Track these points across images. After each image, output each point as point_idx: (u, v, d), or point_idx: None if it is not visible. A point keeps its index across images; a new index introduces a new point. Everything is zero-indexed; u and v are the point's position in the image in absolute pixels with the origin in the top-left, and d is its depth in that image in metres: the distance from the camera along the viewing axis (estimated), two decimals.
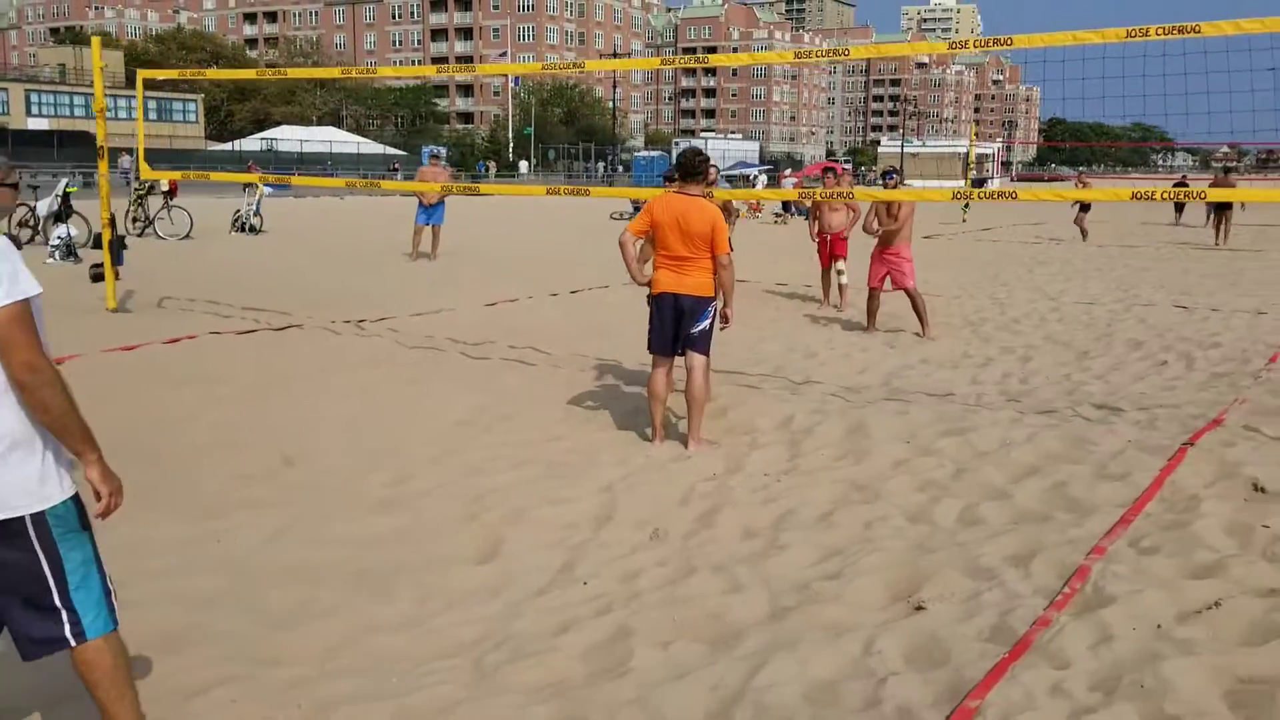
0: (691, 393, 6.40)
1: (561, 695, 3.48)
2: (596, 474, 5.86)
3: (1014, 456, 6.08)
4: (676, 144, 70.44)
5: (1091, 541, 4.66)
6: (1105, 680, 3.43)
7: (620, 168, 69.37)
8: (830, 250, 12.52)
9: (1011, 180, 74.27)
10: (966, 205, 29.83)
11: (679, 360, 6.53)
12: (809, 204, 14.06)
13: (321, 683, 3.55)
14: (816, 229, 12.55)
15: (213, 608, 4.06)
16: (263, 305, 11.40)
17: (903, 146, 75.41)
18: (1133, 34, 5.86)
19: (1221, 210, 21.18)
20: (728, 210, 7.53)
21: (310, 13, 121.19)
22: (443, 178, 15.98)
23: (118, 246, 10.62)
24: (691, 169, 6.32)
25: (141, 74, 9.84)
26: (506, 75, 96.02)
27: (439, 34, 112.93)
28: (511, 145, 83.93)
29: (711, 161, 6.85)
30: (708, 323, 6.39)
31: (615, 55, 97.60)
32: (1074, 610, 3.99)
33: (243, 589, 4.23)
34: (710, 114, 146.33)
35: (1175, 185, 26.90)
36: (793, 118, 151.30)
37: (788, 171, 42.99)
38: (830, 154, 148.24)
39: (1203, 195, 6.07)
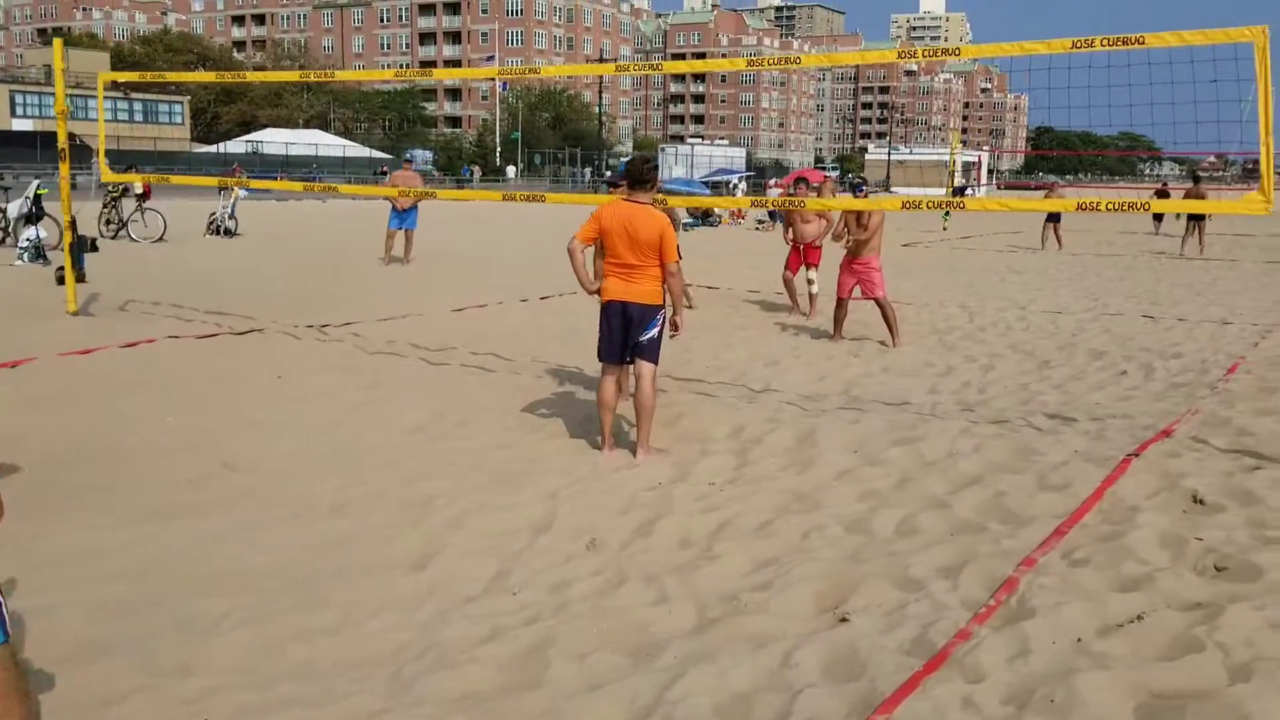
0: (640, 401, 6.39)
1: (476, 707, 3.46)
2: (541, 482, 5.84)
3: (959, 466, 6.08)
4: (662, 149, 70.51)
5: (1024, 553, 4.66)
6: (1017, 694, 3.43)
7: (609, 172, 69.32)
8: (804, 258, 12.51)
9: (997, 189, 74.60)
10: (947, 214, 29.89)
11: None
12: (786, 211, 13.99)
13: (235, 692, 3.52)
14: (790, 235, 12.54)
15: (136, 614, 4.03)
16: (228, 309, 11.35)
17: (889, 154, 75.76)
18: (1078, 44, 5.88)
19: (1194, 220, 21.29)
20: (674, 218, 7.52)
21: (299, 16, 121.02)
22: (414, 182, 15.93)
23: (78, 249, 10.55)
24: (639, 177, 6.31)
25: (102, 76, 9.78)
26: (467, 79, 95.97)
27: (427, 38, 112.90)
28: (499, 150, 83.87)
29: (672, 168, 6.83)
30: (656, 330, 6.37)
31: (601, 60, 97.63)
32: (997, 623, 3.99)
33: (169, 595, 4.20)
34: (699, 120, 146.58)
35: (1156, 194, 27.14)
36: (781, 124, 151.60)
37: (773, 181, 42.98)
38: (819, 161, 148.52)
39: (1146, 206, 6.07)
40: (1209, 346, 10.36)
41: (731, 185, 46.68)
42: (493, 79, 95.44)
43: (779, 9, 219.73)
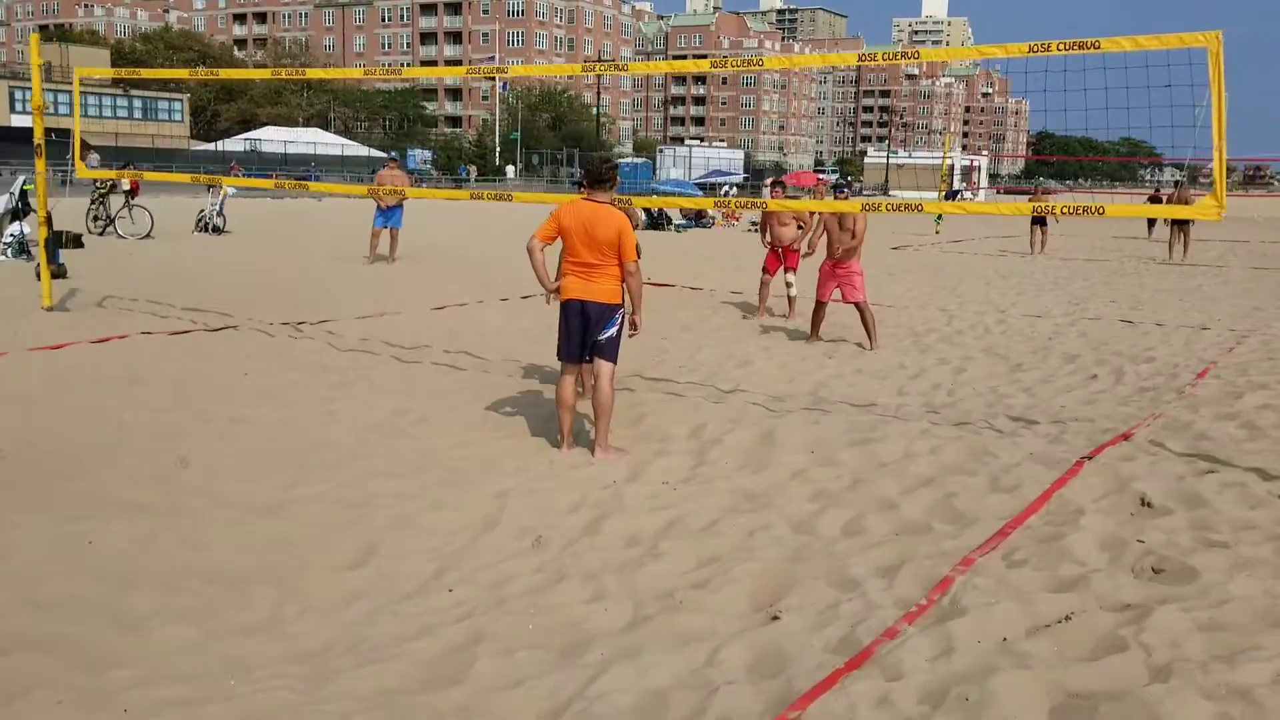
0: (598, 400, 6.39)
1: (391, 702, 3.47)
2: (494, 480, 5.85)
3: (913, 468, 6.09)
4: (660, 151, 70.56)
5: (964, 553, 4.67)
6: (934, 693, 3.43)
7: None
8: (783, 261, 12.51)
9: (996, 194, 74.64)
10: (940, 217, 29.91)
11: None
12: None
13: (157, 686, 3.52)
14: (768, 238, 12.54)
15: (64, 609, 4.03)
16: (206, 306, 11.36)
17: (888, 158, 75.81)
18: (1034, 49, 5.89)
19: (1178, 225, 21.29)
20: (633, 218, 7.52)
21: (300, 14, 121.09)
22: (399, 181, 15.94)
23: (54, 244, 10.54)
24: (598, 176, 6.33)
25: (79, 72, 9.83)
26: (441, 78, 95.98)
27: (428, 38, 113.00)
28: (498, 150, 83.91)
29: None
30: (615, 330, 6.38)
31: (600, 61, 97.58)
32: (926, 622, 3.99)
33: (101, 591, 4.20)
34: (700, 122, 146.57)
35: (1149, 200, 27.11)
36: (781, 127, 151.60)
37: (769, 180, 42.87)
38: (819, 164, 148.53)
39: (1100, 210, 6.08)
40: (1183, 351, 10.36)
41: (723, 190, 46.63)
42: (453, 75, 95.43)
43: (781, 12, 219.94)
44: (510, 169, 76.70)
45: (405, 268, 16.44)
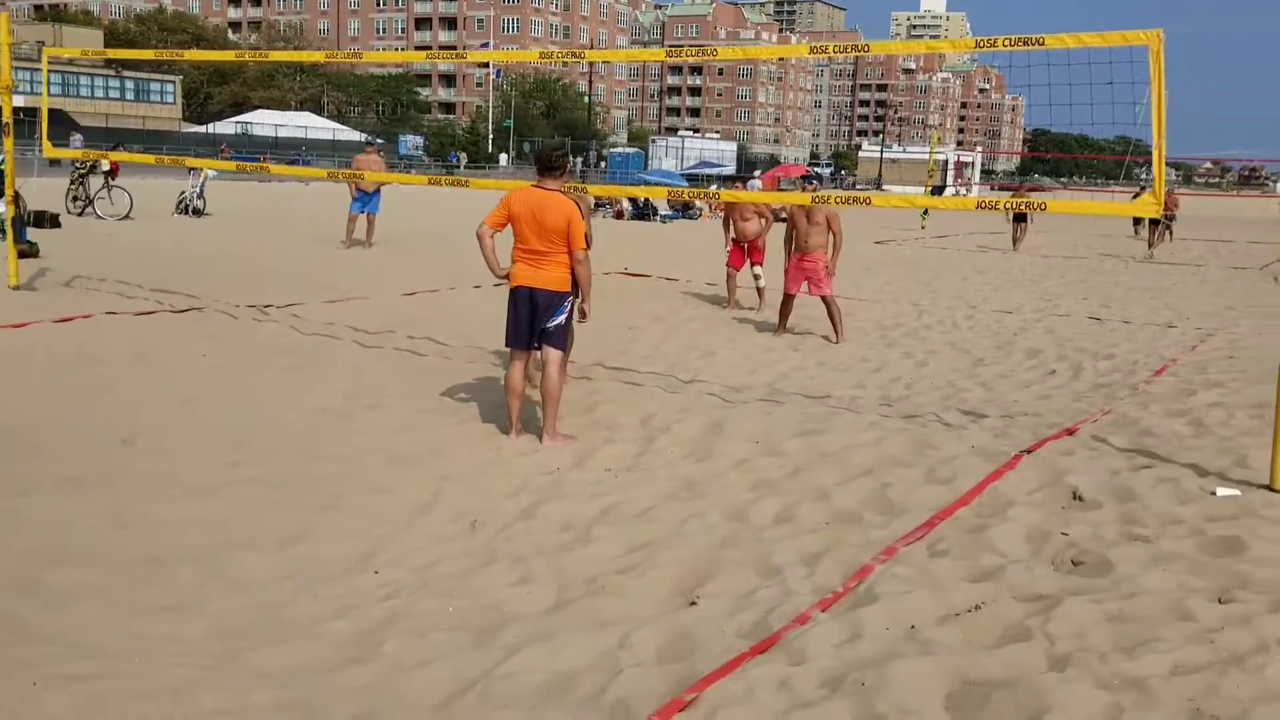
0: (546, 387, 6.43)
1: (296, 679, 3.50)
2: (438, 465, 5.89)
3: (855, 459, 6.13)
4: (653, 141, 70.48)
5: (889, 543, 4.72)
6: (833, 678, 3.48)
7: (601, 163, 69.30)
8: (748, 255, 12.54)
9: (991, 190, 74.72)
10: (925, 212, 29.95)
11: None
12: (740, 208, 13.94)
13: (67, 662, 3.54)
14: (731, 235, 12.57)
15: None
16: (175, 288, 11.35)
17: (882, 152, 75.90)
18: (981, 44, 5.92)
19: (1152, 222, 21.40)
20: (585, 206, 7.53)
21: None
22: (376, 167, 15.93)
23: (20, 224, 10.53)
24: (548, 164, 6.35)
25: (47, 51, 9.79)
26: (398, 63, 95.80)
27: (423, 23, 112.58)
28: (491, 137, 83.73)
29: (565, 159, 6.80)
30: (563, 317, 6.41)
31: (591, 49, 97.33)
32: (840, 609, 4.04)
33: (18, 568, 4.22)
34: (696, 112, 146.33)
35: (1134, 198, 27.20)
36: (777, 119, 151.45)
37: (757, 173, 42.97)
38: (814, 157, 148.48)
39: (1043, 206, 6.11)
40: (1145, 348, 10.42)
41: (706, 181, 46.66)
42: (410, 61, 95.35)
43: (779, 3, 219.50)
44: (504, 156, 76.57)
45: (382, 253, 16.43)
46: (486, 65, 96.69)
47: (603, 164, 65.69)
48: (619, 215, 30.20)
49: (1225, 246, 27.31)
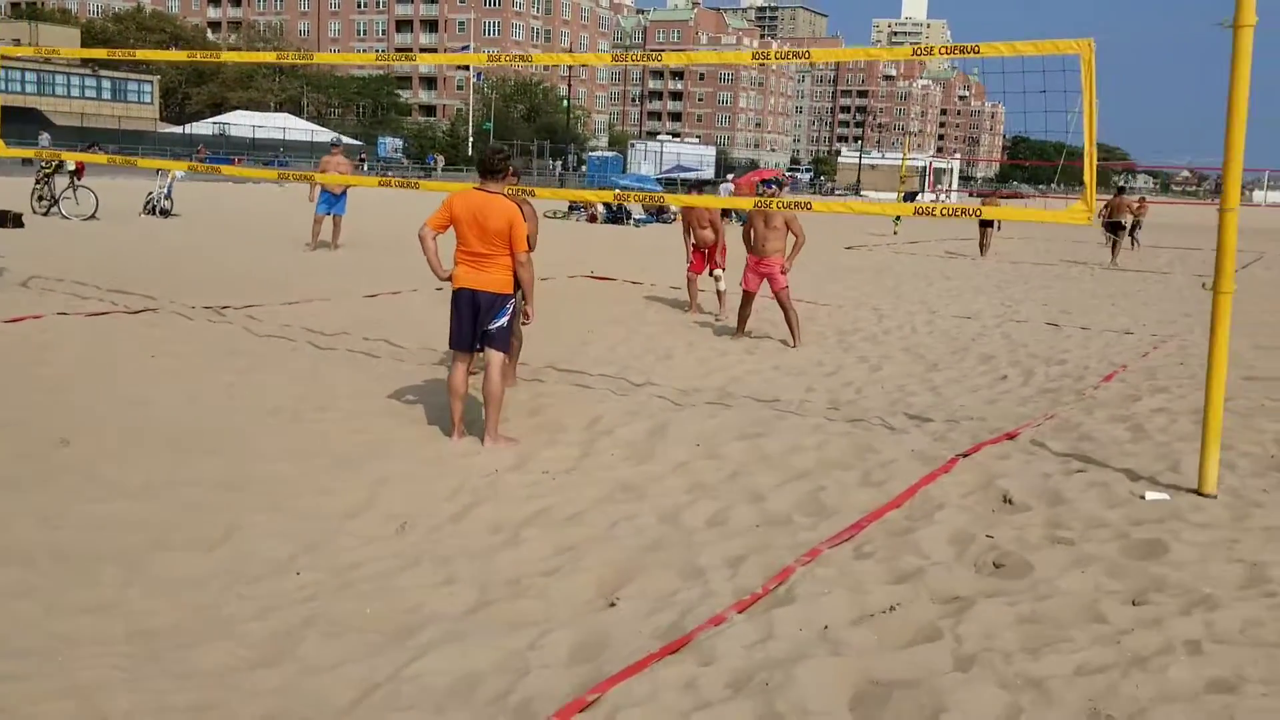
0: (488, 389, 6.45)
1: (209, 680, 3.51)
2: (377, 467, 5.89)
3: (794, 462, 6.18)
4: (632, 145, 70.53)
5: (815, 544, 4.75)
6: (739, 679, 3.51)
7: (581, 166, 69.35)
8: (709, 260, 12.60)
9: (969, 197, 75.25)
10: (898, 218, 30.10)
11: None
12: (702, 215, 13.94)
13: None
14: (691, 241, 12.62)
15: None
16: (133, 289, 11.31)
17: (860, 158, 76.25)
18: (918, 51, 5.98)
19: (1120, 229, 21.62)
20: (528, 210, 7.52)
21: None
22: (343, 169, 15.90)
23: None
24: (490, 166, 6.37)
25: (3, 50, 9.72)
26: (373, 64, 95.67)
27: (404, 25, 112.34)
28: (471, 140, 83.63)
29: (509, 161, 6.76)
30: (505, 319, 6.43)
31: (570, 53, 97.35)
32: (757, 610, 4.08)
33: None
34: (677, 117, 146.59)
35: (1104, 205, 27.43)
36: (758, 124, 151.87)
37: (730, 177, 43.06)
38: (794, 162, 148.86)
39: (978, 212, 6.18)
40: (1096, 355, 10.52)
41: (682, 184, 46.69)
42: (375, 64, 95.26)
43: (761, 9, 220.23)
44: None
45: (348, 255, 16.39)
46: (464, 68, 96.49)
47: (582, 167, 65.70)
48: (592, 219, 30.25)
49: (1194, 255, 27.54)
